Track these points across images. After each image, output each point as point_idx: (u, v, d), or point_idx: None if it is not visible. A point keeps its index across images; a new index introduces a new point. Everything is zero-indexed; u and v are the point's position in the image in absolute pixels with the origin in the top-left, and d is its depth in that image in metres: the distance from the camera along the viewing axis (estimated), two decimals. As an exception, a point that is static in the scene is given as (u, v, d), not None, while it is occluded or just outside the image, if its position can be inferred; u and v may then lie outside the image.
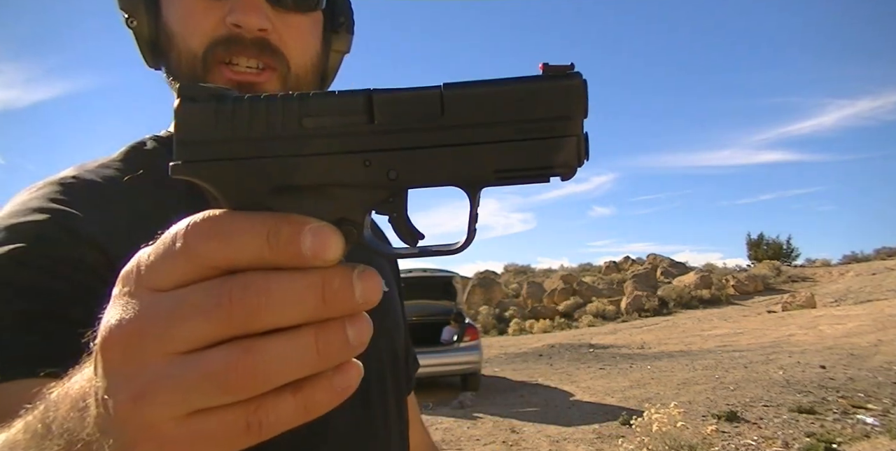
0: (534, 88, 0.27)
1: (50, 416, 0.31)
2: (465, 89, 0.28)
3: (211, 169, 0.28)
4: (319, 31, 0.71)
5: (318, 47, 0.71)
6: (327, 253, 0.26)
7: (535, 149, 0.27)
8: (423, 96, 0.27)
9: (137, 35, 0.67)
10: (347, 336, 0.26)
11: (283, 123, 0.27)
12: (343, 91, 0.28)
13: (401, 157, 0.27)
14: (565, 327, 16.07)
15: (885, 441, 4.19)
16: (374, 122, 0.27)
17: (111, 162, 0.66)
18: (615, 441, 4.76)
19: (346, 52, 0.76)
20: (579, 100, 0.27)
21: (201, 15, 0.64)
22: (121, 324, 0.26)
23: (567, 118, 0.27)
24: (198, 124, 0.27)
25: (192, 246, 0.25)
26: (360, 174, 0.27)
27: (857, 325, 9.85)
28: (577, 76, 0.27)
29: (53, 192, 0.57)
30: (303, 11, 0.67)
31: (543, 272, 26.55)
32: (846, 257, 22.42)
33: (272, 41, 0.64)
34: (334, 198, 0.28)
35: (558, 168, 0.28)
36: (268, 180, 0.27)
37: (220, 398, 0.25)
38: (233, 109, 0.27)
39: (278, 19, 0.65)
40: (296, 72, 0.67)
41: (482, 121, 0.27)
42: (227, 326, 0.25)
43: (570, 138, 0.27)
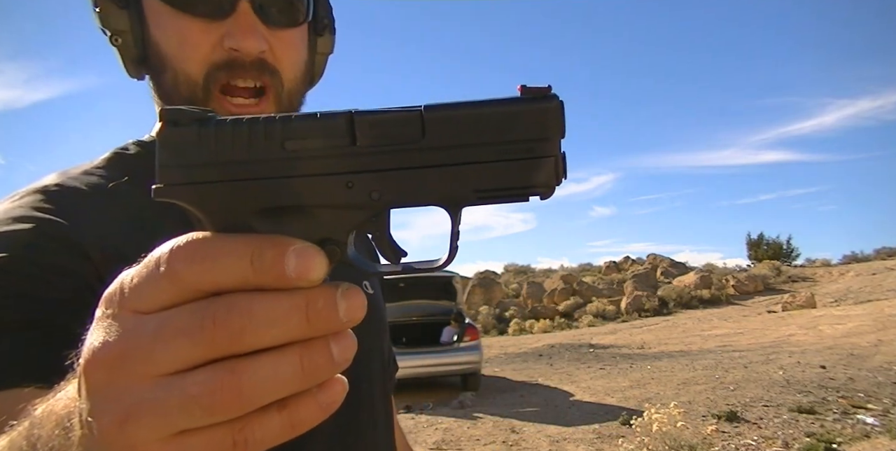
0: (512, 110, 0.28)
1: (35, 434, 0.31)
2: (445, 112, 0.28)
3: (194, 192, 0.28)
4: (306, 40, 0.72)
5: (305, 55, 0.72)
6: (311, 274, 0.26)
7: (515, 170, 0.28)
8: (404, 118, 0.28)
9: (122, 52, 0.66)
10: (332, 354, 0.26)
11: (265, 145, 0.27)
12: (325, 113, 0.28)
13: (383, 178, 0.28)
14: (565, 327, 16.07)
15: (885, 441, 4.19)
16: (356, 144, 0.27)
17: (94, 168, 0.66)
18: (615, 441, 4.76)
19: (330, 54, 0.77)
20: (557, 121, 0.28)
21: (197, 38, 0.63)
22: (104, 346, 0.26)
23: (545, 139, 0.28)
24: (181, 148, 0.27)
25: (177, 270, 0.25)
26: (342, 195, 0.28)
27: (857, 325, 9.85)
28: (555, 98, 0.28)
29: (36, 200, 0.57)
30: (294, 26, 0.68)
31: (543, 272, 26.55)
32: (846, 257, 22.43)
33: (269, 61, 0.65)
34: (318, 218, 0.28)
35: (538, 188, 0.28)
36: (251, 202, 0.27)
37: (205, 419, 0.25)
38: (216, 133, 0.27)
39: (272, 37, 0.65)
40: (288, 87, 0.68)
41: (462, 142, 0.28)
42: (212, 348, 0.25)
43: (548, 159, 0.28)
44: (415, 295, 8.30)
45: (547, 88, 0.28)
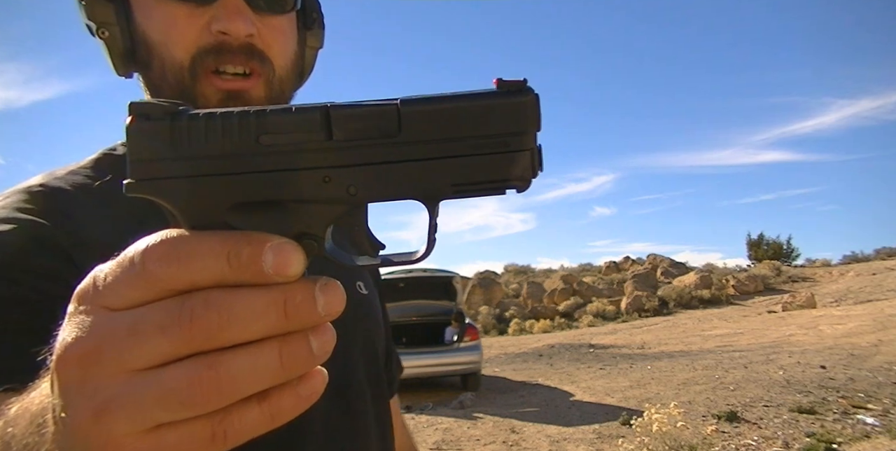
0: (488, 104, 0.27)
1: (9, 432, 0.31)
2: (421, 106, 0.27)
3: (167, 187, 0.27)
4: (295, 30, 0.72)
5: (295, 46, 0.72)
6: (289, 270, 0.25)
7: (491, 163, 0.28)
8: (380, 112, 0.27)
9: (109, 46, 0.65)
10: (311, 348, 0.26)
11: (239, 139, 0.26)
12: (300, 107, 0.27)
13: (359, 173, 0.27)
14: (565, 327, 16.07)
15: (885, 441, 4.19)
16: (332, 138, 0.27)
17: (81, 168, 0.66)
18: (615, 441, 4.76)
19: (319, 48, 0.77)
20: (532, 115, 0.28)
21: (184, 23, 0.62)
22: (77, 342, 0.25)
23: (521, 133, 0.28)
24: (152, 142, 0.26)
25: (151, 270, 0.25)
26: (319, 190, 0.27)
27: (858, 325, 9.84)
28: (530, 92, 0.28)
29: (20, 201, 0.57)
30: (281, 13, 0.68)
31: (543, 272, 26.55)
32: (846, 257, 22.42)
33: (258, 46, 0.65)
34: (294, 213, 0.28)
35: (514, 181, 0.28)
36: (226, 198, 0.27)
37: (183, 412, 0.25)
38: (188, 126, 0.27)
39: (260, 22, 0.65)
40: (279, 74, 0.68)
41: (439, 137, 0.27)
42: (189, 343, 0.24)
43: (524, 153, 0.28)
44: (415, 295, 8.30)
45: (522, 82, 0.28)
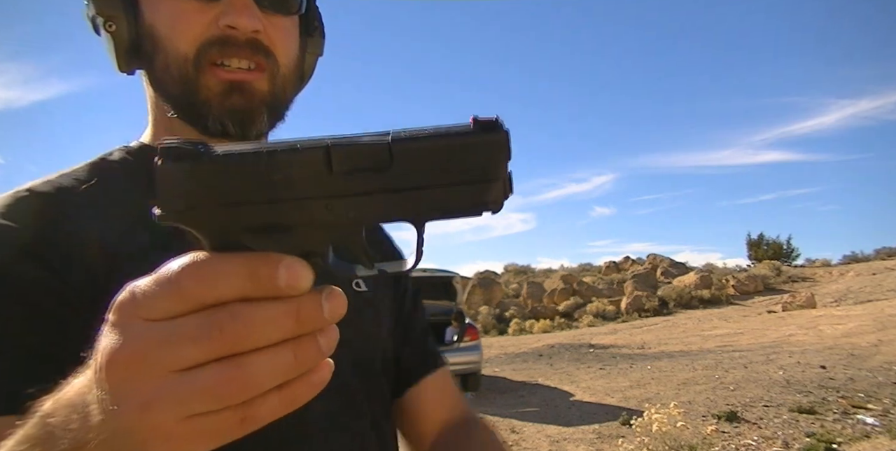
0: (466, 141, 0.32)
1: (49, 422, 0.35)
2: (408, 143, 0.31)
3: (192, 216, 0.31)
4: (298, 34, 0.73)
5: (297, 49, 0.73)
6: (299, 284, 0.30)
7: (469, 191, 0.32)
8: (374, 149, 0.31)
9: (116, 39, 0.66)
10: (320, 346, 0.31)
11: (253, 175, 0.30)
12: (305, 145, 0.31)
13: (357, 200, 0.32)
14: (565, 327, 16.08)
15: (885, 441, 4.19)
16: (333, 171, 0.31)
17: (74, 172, 0.68)
18: (615, 441, 4.76)
19: (320, 55, 0.79)
20: (503, 150, 0.32)
21: (192, 17, 0.63)
22: (121, 347, 0.30)
23: (495, 165, 0.32)
24: (179, 179, 0.30)
25: (185, 287, 0.29)
26: (322, 216, 0.32)
27: (857, 325, 9.85)
28: (501, 129, 0.32)
29: (8, 203, 0.60)
30: (287, 14, 0.69)
31: (543, 272, 26.56)
32: (846, 257, 22.43)
33: (263, 42, 0.66)
34: (301, 236, 0.32)
35: (489, 205, 0.33)
36: (243, 224, 0.31)
37: (216, 405, 0.29)
38: (210, 164, 0.30)
39: (266, 21, 0.66)
40: (283, 72, 0.69)
41: (424, 168, 0.32)
42: (219, 349, 0.29)
43: (497, 181, 0.32)
44: (415, 295, 8.29)
45: (495, 121, 0.32)
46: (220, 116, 0.66)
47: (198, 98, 0.65)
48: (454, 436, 0.80)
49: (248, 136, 0.69)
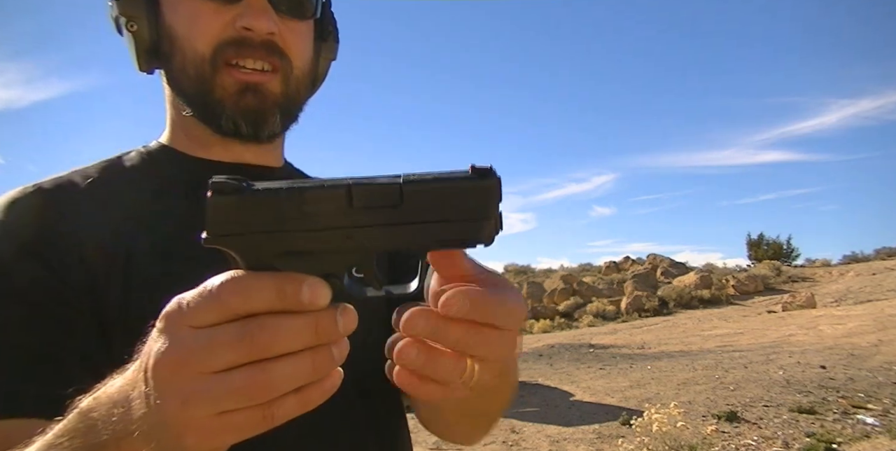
0: (465, 185, 0.38)
1: (92, 416, 0.40)
2: (417, 185, 0.37)
3: (233, 241, 0.37)
4: (312, 38, 0.75)
5: (311, 53, 0.75)
6: (319, 301, 0.35)
7: (466, 227, 0.38)
8: (388, 188, 0.37)
9: (137, 39, 0.68)
10: (333, 355, 0.36)
11: (287, 207, 0.36)
12: (331, 184, 0.37)
13: (372, 231, 0.37)
14: (565, 327, 16.07)
15: (885, 441, 4.19)
16: (353, 206, 0.37)
17: (86, 169, 0.70)
18: (615, 441, 4.76)
19: (333, 59, 0.80)
20: (495, 194, 0.38)
21: (210, 18, 0.65)
22: (168, 351, 0.35)
23: (488, 206, 0.38)
24: (225, 209, 0.36)
25: (224, 299, 0.34)
26: (342, 244, 0.37)
27: (857, 325, 9.85)
28: (494, 176, 0.38)
29: (4, 207, 0.62)
30: (302, 18, 0.71)
31: (543, 272, 26.55)
32: (846, 257, 22.36)
33: (278, 44, 0.67)
34: (323, 260, 0.37)
35: (482, 239, 0.39)
36: (275, 248, 0.37)
37: (244, 403, 0.35)
38: (250, 199, 0.36)
39: (282, 24, 0.68)
40: (297, 74, 0.70)
41: (429, 207, 0.37)
42: (248, 355, 0.34)
43: (490, 220, 0.38)
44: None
45: (489, 169, 0.38)
46: (234, 115, 0.67)
47: (212, 97, 0.67)
48: None
49: (261, 136, 0.70)
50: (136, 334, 0.59)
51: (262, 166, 0.76)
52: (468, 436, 0.75)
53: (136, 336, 0.59)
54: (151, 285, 0.62)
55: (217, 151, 0.72)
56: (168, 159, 0.73)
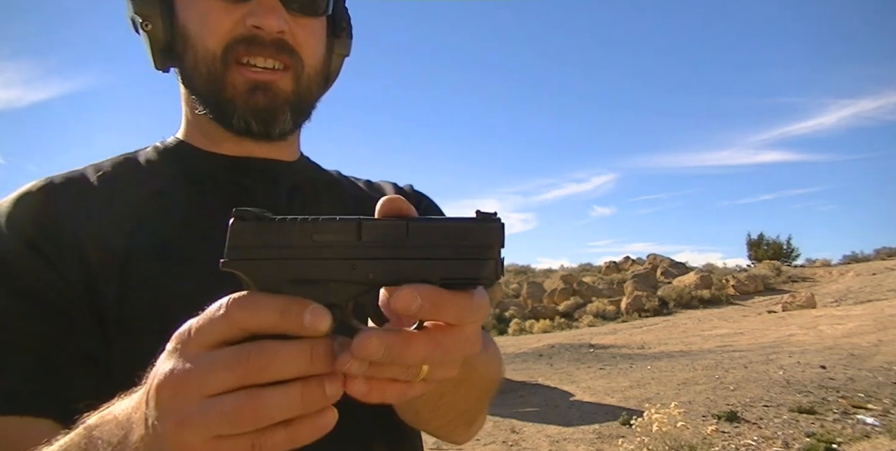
0: (469, 226, 0.40)
1: (94, 435, 0.41)
2: (423, 223, 0.40)
3: (248, 265, 0.39)
4: (324, 35, 0.74)
5: (324, 50, 0.74)
6: (320, 327, 0.36)
7: (468, 266, 0.39)
8: (395, 225, 0.39)
9: (152, 38, 0.69)
10: (325, 391, 0.36)
11: (300, 237, 0.39)
12: (343, 219, 0.39)
13: (377, 264, 0.39)
14: (565, 327, 16.07)
15: (885, 441, 4.19)
16: (361, 239, 0.39)
17: (101, 165, 0.71)
18: (615, 441, 4.76)
19: (346, 56, 0.80)
20: (497, 236, 0.40)
21: (220, 16, 0.66)
22: (172, 373, 0.36)
23: (490, 247, 0.40)
24: (244, 235, 0.39)
25: (231, 314, 0.36)
26: (348, 274, 0.39)
27: (858, 325, 9.84)
28: (498, 221, 0.40)
29: (8, 207, 0.63)
30: (313, 15, 0.71)
31: (543, 272, 26.55)
32: (846, 257, 22.36)
33: (289, 42, 0.67)
34: (329, 288, 0.39)
35: (483, 279, 0.40)
36: (285, 274, 0.39)
37: (233, 428, 0.35)
38: (269, 227, 0.39)
39: (293, 22, 0.68)
40: (308, 72, 0.70)
41: (433, 244, 0.39)
42: (243, 378, 0.35)
43: (490, 260, 0.40)
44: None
45: (493, 213, 0.40)
46: (244, 114, 0.68)
47: (223, 96, 0.67)
48: None
49: (272, 134, 0.71)
50: (135, 334, 0.60)
51: (275, 160, 0.76)
52: (447, 433, 0.73)
53: (134, 336, 0.60)
54: (151, 284, 0.62)
55: (230, 147, 0.73)
56: (183, 154, 0.74)
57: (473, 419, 0.73)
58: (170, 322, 0.60)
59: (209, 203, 0.70)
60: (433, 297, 0.37)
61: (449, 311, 0.38)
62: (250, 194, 0.72)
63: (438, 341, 0.38)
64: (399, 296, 0.37)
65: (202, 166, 0.72)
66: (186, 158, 0.74)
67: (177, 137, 0.76)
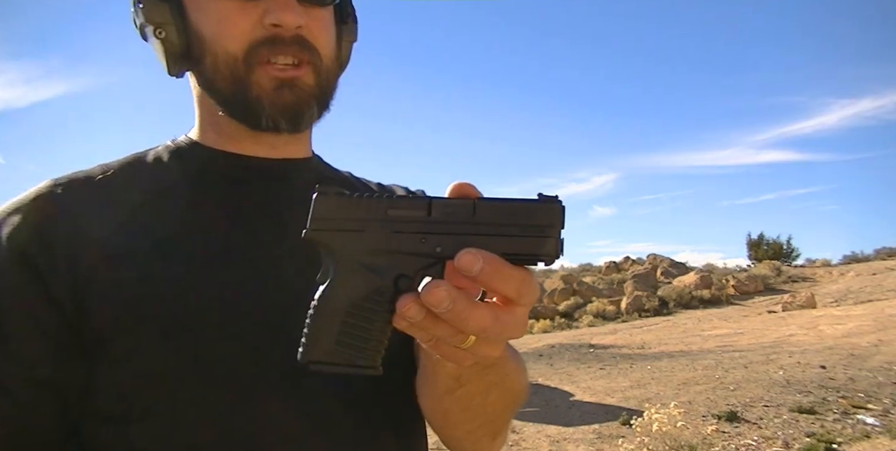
0: (533, 206, 0.43)
1: None
2: (491, 203, 0.43)
3: (330, 235, 0.44)
4: (333, 24, 0.75)
5: (335, 39, 0.75)
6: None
7: (530, 243, 0.42)
8: (464, 204, 0.43)
9: (166, 45, 0.68)
10: None
11: (376, 211, 0.43)
12: (415, 197, 0.44)
13: (445, 238, 0.43)
14: (565, 327, 16.06)
15: (885, 441, 4.19)
16: (431, 215, 0.43)
17: (109, 165, 0.71)
18: (615, 441, 4.76)
19: (354, 41, 0.80)
20: (558, 217, 0.43)
21: (237, 17, 0.65)
22: None
23: (551, 226, 0.42)
24: (325, 208, 0.44)
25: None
26: (417, 247, 0.43)
27: (858, 325, 9.84)
28: (559, 203, 0.43)
29: (11, 211, 0.64)
30: (323, 5, 0.71)
31: (543, 272, 26.51)
32: (846, 257, 22.33)
33: (307, 37, 0.68)
34: (400, 260, 0.43)
35: (543, 256, 0.42)
36: (362, 245, 0.43)
37: None
38: (348, 202, 0.44)
39: (306, 14, 0.68)
40: (326, 64, 0.71)
41: (498, 222, 0.42)
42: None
43: (551, 238, 0.42)
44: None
45: (555, 196, 0.43)
46: (273, 113, 0.68)
47: (250, 95, 0.67)
48: None
49: (299, 130, 0.72)
50: (134, 334, 0.60)
51: (287, 161, 0.76)
52: (472, 443, 0.72)
53: (133, 336, 0.60)
54: (151, 283, 0.62)
55: (246, 145, 0.73)
56: (194, 153, 0.74)
57: (498, 431, 0.73)
58: (172, 320, 0.61)
59: (209, 201, 0.70)
60: (494, 263, 0.40)
61: (508, 282, 0.41)
62: (254, 192, 0.72)
63: (498, 313, 0.41)
64: (463, 255, 0.40)
65: (213, 166, 0.73)
66: (197, 157, 0.74)
67: (189, 136, 0.77)
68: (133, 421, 0.59)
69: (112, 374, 0.60)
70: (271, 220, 0.70)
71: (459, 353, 0.45)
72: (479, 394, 0.62)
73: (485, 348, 0.44)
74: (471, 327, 0.41)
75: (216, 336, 0.62)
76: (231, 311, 0.63)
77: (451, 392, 0.61)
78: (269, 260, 0.67)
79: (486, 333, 0.42)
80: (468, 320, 0.40)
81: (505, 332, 0.42)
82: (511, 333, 0.43)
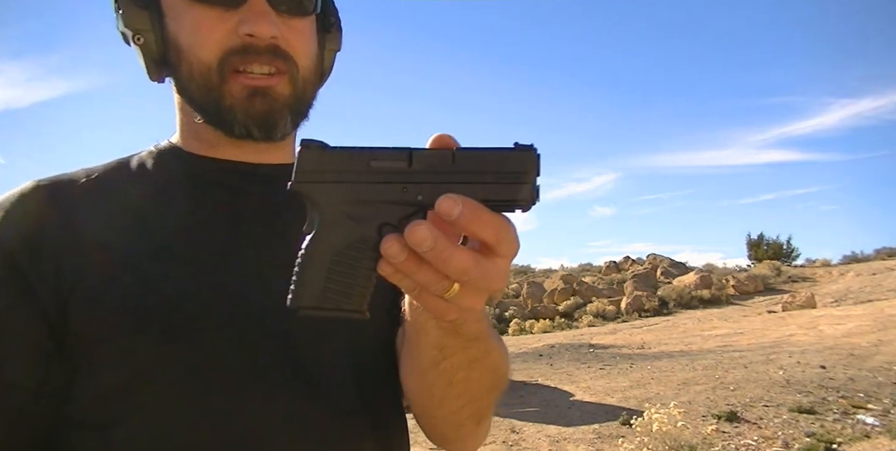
0: (508, 154, 0.44)
1: None
2: (467, 152, 0.45)
3: (314, 187, 0.45)
4: (315, 33, 0.74)
5: (316, 48, 0.74)
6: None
7: (507, 189, 0.44)
8: (443, 153, 0.44)
9: (144, 51, 0.69)
10: None
11: (359, 163, 0.44)
12: (396, 148, 0.45)
13: (425, 187, 0.44)
14: (565, 327, 16.06)
15: (885, 441, 4.20)
16: (412, 166, 0.44)
17: (94, 169, 0.72)
18: (615, 441, 4.76)
19: (338, 50, 0.80)
20: (534, 163, 0.44)
21: (212, 26, 0.65)
22: None
23: (526, 172, 0.44)
24: (309, 160, 0.45)
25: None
26: (399, 196, 0.44)
27: (857, 325, 9.84)
28: (535, 150, 0.44)
29: (4, 201, 0.65)
30: (303, 15, 0.71)
31: (543, 272, 26.53)
32: (846, 257, 22.30)
33: (282, 46, 0.67)
34: (383, 209, 0.44)
35: (520, 202, 0.44)
36: (346, 196, 0.45)
37: None
38: (331, 154, 0.45)
39: (283, 24, 0.68)
40: (303, 74, 0.71)
41: (475, 170, 0.44)
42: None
43: (527, 184, 0.44)
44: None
45: (530, 144, 0.44)
46: (245, 121, 0.68)
47: (223, 104, 0.67)
48: None
49: (273, 138, 0.71)
50: (129, 338, 0.60)
51: (270, 165, 0.76)
52: (456, 426, 0.72)
53: (127, 339, 0.60)
54: (148, 285, 0.62)
55: (226, 151, 0.73)
56: (175, 158, 0.74)
57: (483, 415, 0.73)
58: (170, 323, 0.61)
59: (202, 205, 0.70)
60: (473, 207, 0.41)
61: (487, 226, 0.41)
62: (245, 196, 0.72)
63: (479, 259, 0.42)
64: (443, 200, 0.40)
65: (196, 170, 0.73)
66: (180, 161, 0.74)
67: (171, 141, 0.77)
68: (115, 426, 0.60)
69: (95, 379, 0.61)
70: (263, 223, 0.70)
71: (443, 304, 0.45)
72: (463, 368, 0.63)
73: (468, 300, 0.45)
74: (453, 267, 0.41)
75: (212, 339, 0.62)
76: (227, 314, 0.63)
77: (436, 365, 0.62)
78: (261, 263, 0.67)
79: (468, 276, 0.42)
80: (450, 261, 0.41)
81: (485, 279, 0.43)
82: (492, 281, 0.43)
